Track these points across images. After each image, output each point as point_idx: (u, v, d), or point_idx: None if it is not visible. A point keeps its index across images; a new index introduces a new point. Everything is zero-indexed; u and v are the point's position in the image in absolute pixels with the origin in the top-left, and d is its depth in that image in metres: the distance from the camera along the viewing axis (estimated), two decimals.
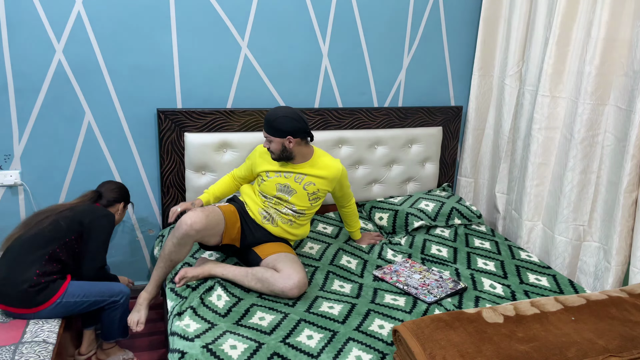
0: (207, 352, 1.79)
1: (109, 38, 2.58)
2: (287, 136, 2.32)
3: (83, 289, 2.18)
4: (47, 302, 2.09)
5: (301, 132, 2.35)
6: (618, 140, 2.46)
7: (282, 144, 2.34)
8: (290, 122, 2.32)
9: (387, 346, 1.89)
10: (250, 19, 2.77)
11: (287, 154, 2.38)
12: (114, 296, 2.26)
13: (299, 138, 2.35)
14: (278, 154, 2.37)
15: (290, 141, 2.34)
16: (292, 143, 2.34)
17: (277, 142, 2.34)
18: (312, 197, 2.43)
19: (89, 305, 2.21)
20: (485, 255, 2.66)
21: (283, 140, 2.33)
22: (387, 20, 3.01)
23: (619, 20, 2.40)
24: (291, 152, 2.37)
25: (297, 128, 2.33)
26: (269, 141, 2.36)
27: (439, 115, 3.21)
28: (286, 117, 2.33)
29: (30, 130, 2.59)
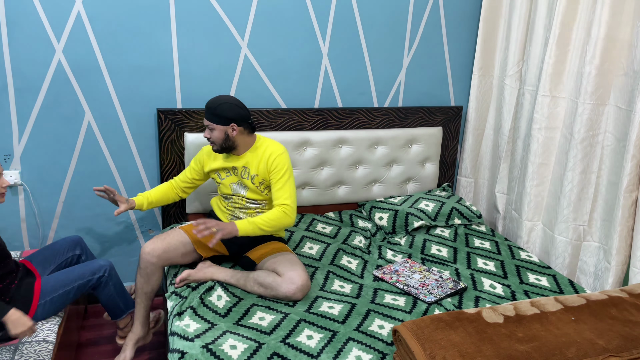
0: (207, 352, 1.79)
1: (109, 38, 2.58)
2: (230, 123, 2.27)
3: (59, 279, 2.11)
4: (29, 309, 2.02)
5: (245, 120, 2.30)
6: (618, 140, 2.46)
7: (225, 132, 2.28)
8: (234, 108, 2.27)
9: (387, 346, 1.89)
10: (250, 19, 2.77)
11: (230, 144, 2.32)
12: (97, 272, 2.19)
13: (242, 127, 2.31)
14: (220, 143, 2.31)
15: (233, 129, 2.28)
16: (236, 131, 2.29)
17: (220, 130, 2.28)
18: (261, 188, 2.38)
19: (77, 291, 2.14)
20: (485, 255, 2.66)
21: (226, 128, 2.28)
22: (387, 20, 3.01)
23: (619, 20, 2.40)
24: (234, 141, 2.31)
25: (241, 115, 2.29)
26: (210, 129, 2.30)
27: (439, 115, 3.21)
28: (230, 103, 2.28)
29: (30, 130, 2.59)
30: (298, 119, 2.91)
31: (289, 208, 2.27)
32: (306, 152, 2.95)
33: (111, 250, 2.88)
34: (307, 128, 2.95)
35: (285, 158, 2.34)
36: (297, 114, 2.91)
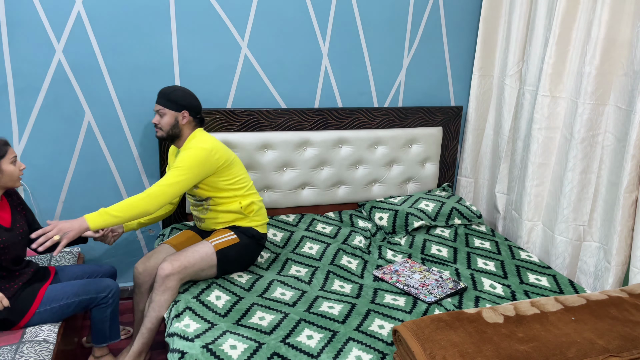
0: (207, 352, 1.79)
1: (109, 38, 2.58)
2: (182, 110, 2.27)
3: (64, 291, 2.10)
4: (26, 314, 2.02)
5: (195, 111, 2.31)
6: (618, 140, 2.46)
7: (175, 118, 2.28)
8: (188, 97, 2.30)
9: (387, 346, 1.89)
10: (250, 19, 2.77)
11: (177, 131, 2.30)
12: (101, 292, 2.17)
13: (192, 117, 2.31)
14: (168, 129, 2.29)
15: (184, 116, 2.28)
16: (186, 119, 2.28)
17: (171, 116, 2.27)
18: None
19: (78, 306, 2.12)
20: (485, 255, 2.66)
21: (177, 114, 2.27)
22: (387, 20, 3.01)
23: (619, 20, 2.40)
24: (181, 129, 2.30)
25: (194, 105, 2.30)
26: (160, 115, 2.28)
27: (439, 115, 3.21)
28: (185, 91, 2.31)
29: (30, 130, 2.59)
30: (298, 119, 2.91)
31: (158, 191, 2.12)
32: (306, 152, 2.95)
33: (111, 250, 2.88)
34: (307, 128, 2.95)
35: (195, 154, 2.21)
36: (297, 114, 2.91)
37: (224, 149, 2.33)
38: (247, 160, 2.83)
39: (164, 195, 2.13)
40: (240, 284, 2.28)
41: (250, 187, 2.42)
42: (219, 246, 2.27)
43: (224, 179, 2.32)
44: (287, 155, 2.91)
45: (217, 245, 2.27)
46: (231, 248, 2.29)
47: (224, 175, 2.31)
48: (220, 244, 2.28)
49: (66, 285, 2.13)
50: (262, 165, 2.87)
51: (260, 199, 2.46)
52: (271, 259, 2.53)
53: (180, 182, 2.17)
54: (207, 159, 2.23)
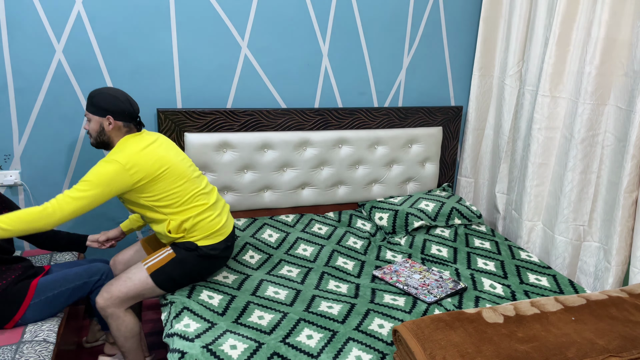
0: (207, 352, 1.79)
1: (109, 38, 2.58)
2: (106, 115, 2.07)
3: (56, 280, 2.10)
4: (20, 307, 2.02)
5: (125, 115, 2.09)
6: (618, 140, 2.46)
7: (100, 124, 2.09)
8: (113, 100, 2.08)
9: (387, 346, 1.89)
10: (250, 19, 2.77)
11: (105, 138, 2.11)
12: (94, 275, 2.16)
13: (121, 122, 2.10)
14: (95, 136, 2.11)
15: (110, 122, 2.08)
16: (112, 125, 2.09)
17: (95, 122, 2.09)
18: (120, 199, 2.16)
19: (73, 293, 2.11)
20: (485, 255, 2.66)
21: (102, 119, 2.08)
22: (387, 20, 3.01)
23: (619, 20, 2.40)
24: (109, 136, 2.11)
25: (120, 109, 2.08)
26: (88, 120, 2.12)
27: (439, 115, 3.21)
28: (111, 95, 2.09)
29: (30, 130, 2.59)
30: (298, 119, 2.91)
31: (56, 206, 1.94)
32: (306, 152, 2.95)
33: (111, 250, 2.88)
34: (307, 128, 2.95)
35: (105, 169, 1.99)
36: (297, 114, 2.91)
37: (149, 161, 2.05)
38: (247, 160, 2.83)
39: (62, 212, 1.93)
40: (226, 284, 2.27)
41: (185, 201, 2.13)
42: (152, 268, 2.12)
43: (145, 195, 2.07)
44: (287, 155, 2.91)
45: (150, 268, 2.13)
46: (168, 266, 2.13)
47: (144, 192, 2.07)
48: (154, 265, 2.13)
49: (57, 275, 2.13)
50: (262, 165, 2.88)
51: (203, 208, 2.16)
52: (262, 260, 2.52)
53: (83, 198, 1.96)
54: (117, 174, 1.99)
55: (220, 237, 2.21)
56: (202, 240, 2.17)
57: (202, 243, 2.17)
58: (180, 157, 2.19)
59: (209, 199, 2.22)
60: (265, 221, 2.86)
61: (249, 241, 2.64)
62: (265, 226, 2.80)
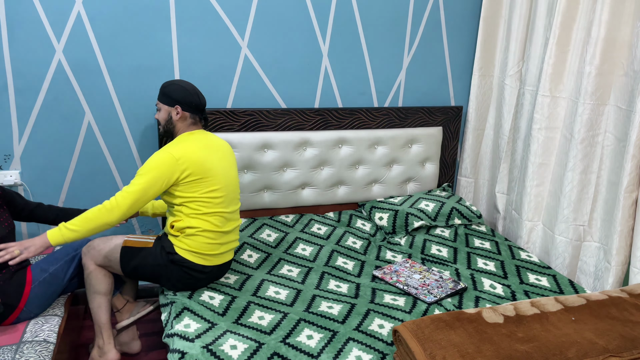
0: (207, 352, 1.79)
1: (109, 38, 2.58)
2: (175, 105, 2.19)
3: (48, 261, 2.17)
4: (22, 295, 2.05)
5: (192, 107, 2.21)
6: (618, 140, 2.46)
7: (169, 113, 2.21)
8: (182, 91, 2.20)
9: (387, 346, 1.89)
10: (250, 19, 2.77)
11: (171, 127, 2.23)
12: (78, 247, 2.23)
13: (188, 113, 2.21)
14: (163, 124, 2.24)
15: (177, 112, 2.19)
16: (180, 114, 2.20)
17: (165, 111, 2.22)
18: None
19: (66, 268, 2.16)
20: (485, 255, 2.66)
21: (170, 109, 2.20)
22: (387, 20, 3.01)
23: (619, 20, 2.40)
24: (174, 125, 2.22)
25: (189, 101, 2.19)
26: (158, 109, 2.25)
27: (439, 115, 3.21)
28: (181, 87, 2.21)
29: (30, 130, 2.59)
30: (298, 119, 2.91)
31: (113, 204, 2.02)
32: (306, 152, 2.95)
33: None
34: (307, 128, 2.95)
35: (161, 157, 2.07)
36: (297, 114, 2.91)
37: (199, 161, 2.11)
38: (247, 160, 2.83)
39: (119, 207, 2.01)
40: (228, 284, 2.27)
41: (205, 213, 2.14)
42: (128, 243, 2.17)
43: (179, 190, 2.11)
44: (287, 155, 2.91)
45: (127, 242, 2.17)
46: (139, 250, 2.16)
47: (180, 188, 2.11)
48: (131, 242, 2.17)
49: (47, 257, 2.20)
50: (262, 165, 2.88)
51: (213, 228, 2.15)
52: (261, 259, 2.52)
53: (136, 189, 2.03)
54: (168, 164, 2.06)
55: (202, 261, 2.16)
56: (185, 252, 2.14)
57: (182, 254, 2.14)
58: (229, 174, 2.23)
59: (224, 225, 2.20)
60: (264, 221, 2.86)
61: (247, 240, 2.64)
62: (264, 226, 2.80)
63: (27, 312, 2.07)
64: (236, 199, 2.29)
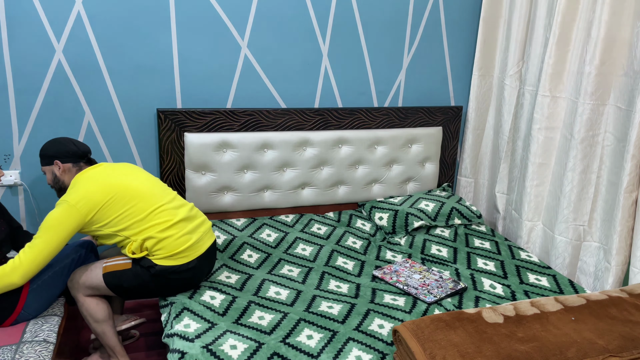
0: (207, 352, 1.79)
1: (109, 38, 2.58)
2: (54, 161, 2.13)
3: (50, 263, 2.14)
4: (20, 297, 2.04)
5: (69, 155, 2.13)
6: (618, 140, 2.46)
7: (53, 172, 2.15)
8: (55, 145, 2.14)
9: (387, 346, 1.89)
10: (250, 19, 2.77)
11: (61, 184, 2.15)
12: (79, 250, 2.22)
13: (69, 163, 2.14)
14: (53, 185, 2.18)
15: (59, 167, 2.13)
16: (61, 169, 2.13)
17: (49, 171, 2.16)
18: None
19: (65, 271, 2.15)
20: (485, 255, 2.66)
21: (52, 167, 2.14)
22: (387, 20, 3.01)
23: (619, 20, 2.40)
24: (62, 181, 2.14)
25: (64, 151, 2.12)
26: (44, 173, 2.20)
27: (439, 115, 3.21)
28: (54, 142, 2.16)
29: (30, 130, 2.59)
30: (298, 119, 2.91)
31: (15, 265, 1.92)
32: (306, 152, 2.95)
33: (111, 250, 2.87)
34: (307, 128, 2.95)
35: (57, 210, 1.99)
36: (297, 114, 2.91)
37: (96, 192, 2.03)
38: (247, 160, 2.83)
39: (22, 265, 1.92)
40: (229, 284, 2.27)
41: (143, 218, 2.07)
42: (107, 269, 2.10)
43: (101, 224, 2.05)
44: (287, 155, 2.91)
45: (106, 268, 2.10)
46: (121, 273, 2.10)
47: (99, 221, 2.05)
48: (110, 267, 2.11)
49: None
50: (262, 165, 2.88)
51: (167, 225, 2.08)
52: (262, 259, 2.52)
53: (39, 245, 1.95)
54: (67, 214, 1.99)
55: (184, 259, 2.10)
56: (162, 260, 2.08)
57: (161, 263, 2.08)
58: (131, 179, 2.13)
59: (175, 215, 2.12)
60: (264, 221, 2.86)
61: (247, 240, 2.64)
62: (264, 226, 2.80)
63: (25, 314, 2.06)
64: (165, 190, 2.19)
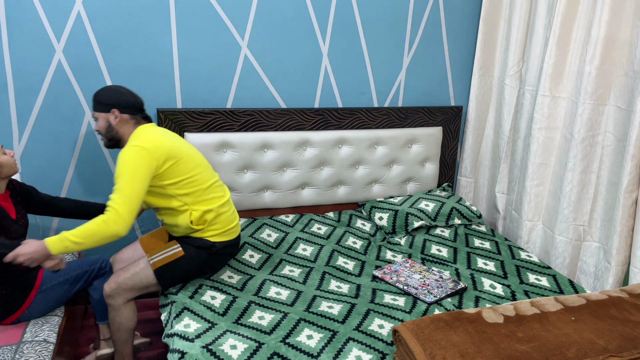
0: (207, 352, 1.79)
1: (109, 38, 2.58)
2: (111, 109, 2.07)
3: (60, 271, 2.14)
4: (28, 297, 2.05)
5: (130, 107, 2.09)
6: (618, 140, 2.46)
7: (107, 120, 2.08)
8: (116, 94, 2.08)
9: (387, 346, 1.89)
10: (250, 19, 2.77)
11: (114, 134, 2.09)
12: (94, 264, 2.22)
13: (127, 114, 2.09)
14: (104, 133, 2.11)
15: (115, 116, 2.07)
16: (118, 118, 2.07)
17: (102, 119, 2.09)
18: None
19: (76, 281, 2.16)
20: (485, 255, 2.66)
21: (108, 115, 2.08)
22: (387, 20, 3.01)
23: (619, 20, 2.40)
24: (117, 130, 2.09)
25: (124, 101, 2.07)
26: (95, 120, 2.13)
27: (439, 115, 3.21)
28: (113, 90, 2.10)
29: (30, 130, 2.59)
30: (298, 119, 2.91)
31: (114, 215, 1.92)
32: (306, 152, 2.95)
33: (110, 250, 2.87)
34: (307, 128, 2.95)
35: (130, 153, 1.97)
36: (297, 114, 2.91)
37: (168, 144, 2.06)
38: (247, 160, 2.83)
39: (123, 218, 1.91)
40: (231, 284, 2.27)
41: (206, 189, 2.13)
42: (157, 264, 2.12)
43: (168, 182, 2.05)
44: (287, 155, 2.91)
45: (155, 264, 2.12)
46: (173, 264, 2.13)
47: (168, 177, 2.05)
48: (159, 261, 2.13)
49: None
50: (262, 165, 2.88)
51: (223, 200, 2.18)
52: (263, 259, 2.52)
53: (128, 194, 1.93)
54: (142, 156, 1.97)
55: (234, 235, 2.25)
56: (218, 237, 2.18)
57: (217, 239, 2.18)
58: (193, 149, 2.21)
59: (225, 193, 2.25)
60: (264, 221, 2.86)
61: (248, 240, 2.64)
62: (264, 226, 2.80)
63: (27, 315, 2.07)
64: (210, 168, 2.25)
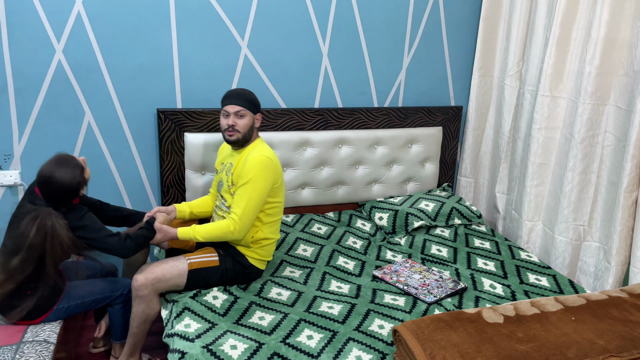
0: (207, 352, 1.79)
1: (109, 38, 2.58)
2: (257, 113, 2.22)
3: (83, 289, 2.14)
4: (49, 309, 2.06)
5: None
6: (618, 140, 2.46)
7: (253, 120, 2.21)
8: (258, 101, 2.25)
9: (387, 346, 1.89)
10: (250, 19, 2.77)
11: (250, 134, 2.22)
12: (117, 290, 2.21)
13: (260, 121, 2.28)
14: (245, 132, 2.19)
15: (258, 120, 2.24)
16: (258, 122, 2.25)
17: (250, 117, 2.20)
18: (233, 189, 2.20)
19: (92, 304, 2.16)
20: (485, 255, 2.66)
21: (254, 116, 2.21)
22: (387, 20, 3.01)
23: (619, 20, 2.40)
24: (252, 134, 2.23)
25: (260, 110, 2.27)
26: (240, 116, 2.17)
27: (439, 115, 3.21)
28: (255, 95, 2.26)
29: (30, 130, 2.59)
30: (298, 119, 2.91)
31: (236, 223, 2.11)
32: (306, 152, 2.95)
33: None
34: (307, 128, 2.95)
35: (259, 165, 2.12)
36: (297, 114, 2.91)
37: (279, 166, 2.23)
38: None
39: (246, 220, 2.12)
40: None
41: (276, 220, 2.28)
42: (193, 265, 2.15)
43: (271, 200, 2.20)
44: (287, 155, 2.91)
45: (192, 264, 2.15)
46: (207, 270, 2.17)
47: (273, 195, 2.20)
48: (195, 264, 2.16)
49: (86, 285, 2.18)
50: None
51: (278, 236, 2.33)
52: None
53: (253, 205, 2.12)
54: (269, 167, 2.14)
55: (264, 266, 2.32)
56: (257, 262, 2.27)
57: (255, 263, 2.26)
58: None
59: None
60: None
61: None
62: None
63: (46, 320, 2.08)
64: None
